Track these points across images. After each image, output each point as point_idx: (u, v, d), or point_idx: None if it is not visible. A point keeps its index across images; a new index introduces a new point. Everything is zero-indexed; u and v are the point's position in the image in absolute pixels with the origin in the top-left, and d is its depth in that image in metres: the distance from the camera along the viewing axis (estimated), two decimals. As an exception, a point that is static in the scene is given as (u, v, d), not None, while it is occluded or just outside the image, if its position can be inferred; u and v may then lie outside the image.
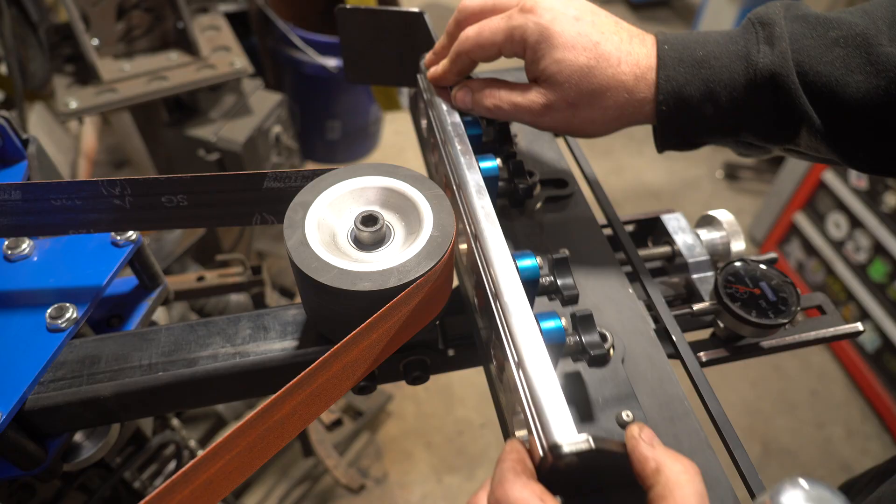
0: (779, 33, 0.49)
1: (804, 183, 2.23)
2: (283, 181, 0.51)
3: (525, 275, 0.44)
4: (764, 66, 0.48)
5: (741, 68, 0.49)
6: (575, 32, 0.50)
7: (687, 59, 0.50)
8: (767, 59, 0.48)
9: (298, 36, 1.78)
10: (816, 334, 0.61)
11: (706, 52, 0.50)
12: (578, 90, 0.51)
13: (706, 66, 0.50)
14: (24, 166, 0.65)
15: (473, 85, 0.56)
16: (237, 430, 0.36)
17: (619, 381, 0.49)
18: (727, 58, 0.50)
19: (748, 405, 2.06)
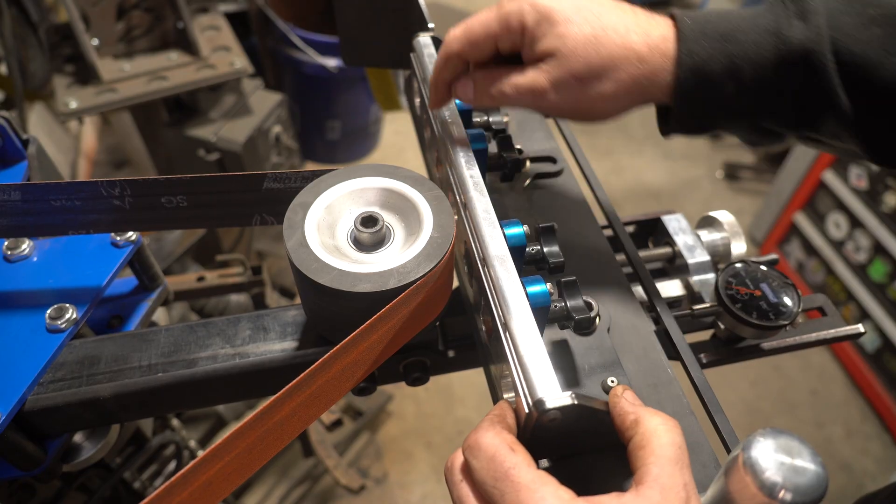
0: (813, 7, 0.45)
1: (804, 183, 2.23)
2: (282, 182, 0.51)
3: (512, 241, 0.45)
4: (797, 43, 0.44)
5: (770, 44, 0.45)
6: (573, 7, 0.48)
7: (711, 32, 0.46)
8: (801, 34, 0.44)
9: (298, 36, 1.78)
10: (817, 336, 0.61)
11: (731, 26, 0.46)
12: (586, 62, 0.47)
13: (732, 40, 0.45)
14: (24, 166, 0.65)
15: (474, 75, 0.53)
16: (237, 431, 0.36)
17: (605, 349, 0.51)
18: (755, 32, 0.45)
19: (748, 405, 2.06)
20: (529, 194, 0.65)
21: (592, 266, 0.58)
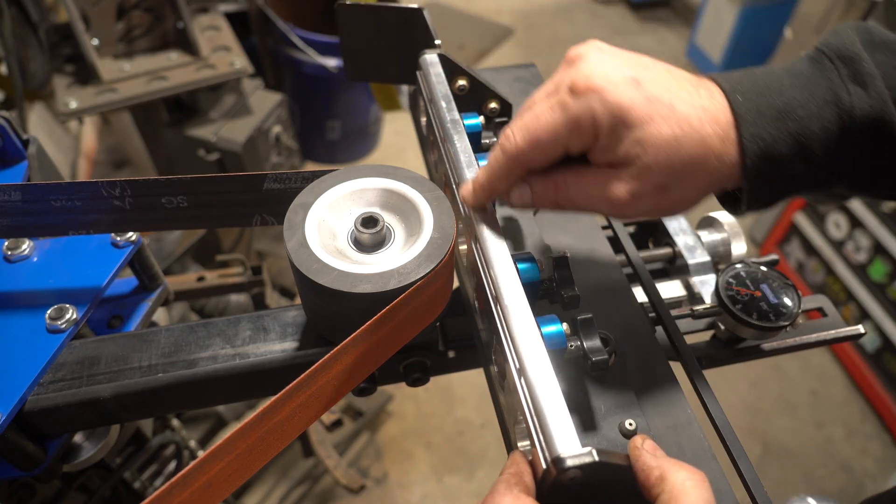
0: (868, 70, 0.41)
1: (804, 183, 2.22)
2: (283, 182, 0.51)
3: (525, 277, 0.44)
4: (862, 113, 0.41)
5: (832, 116, 0.42)
6: (645, 100, 0.42)
7: (767, 110, 0.42)
8: (865, 104, 0.41)
9: (298, 36, 1.78)
10: (817, 337, 0.61)
11: (786, 100, 0.42)
12: (669, 170, 0.42)
13: (792, 117, 0.42)
14: (24, 166, 0.65)
15: (532, 180, 0.46)
16: (237, 432, 0.36)
17: (621, 387, 0.49)
18: (814, 105, 0.42)
19: (748, 405, 2.06)
20: (539, 215, 0.63)
21: (606, 295, 0.56)
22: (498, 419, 0.48)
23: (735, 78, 0.44)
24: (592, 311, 0.54)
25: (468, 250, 0.49)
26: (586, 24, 3.68)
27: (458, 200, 0.50)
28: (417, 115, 0.73)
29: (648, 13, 3.77)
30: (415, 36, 0.65)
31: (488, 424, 1.95)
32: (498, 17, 3.64)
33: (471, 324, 0.53)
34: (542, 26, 3.64)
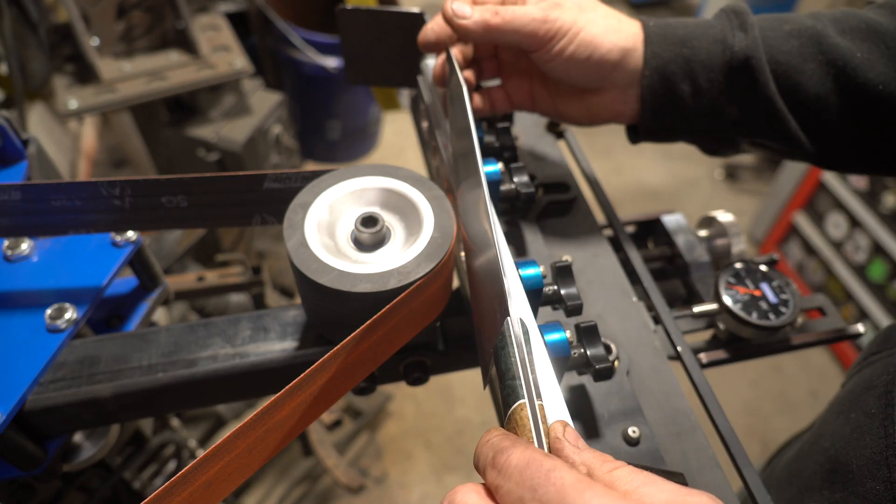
0: (751, 21, 0.53)
1: (804, 183, 2.23)
2: (283, 182, 0.51)
3: (528, 284, 0.44)
4: (740, 50, 0.52)
5: (719, 50, 0.52)
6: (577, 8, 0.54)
7: (670, 36, 0.53)
8: (743, 43, 0.52)
9: (298, 36, 1.78)
10: (817, 336, 0.61)
11: (687, 32, 0.53)
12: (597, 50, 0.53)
13: (687, 44, 0.53)
14: (24, 166, 0.65)
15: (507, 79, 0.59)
16: (236, 431, 0.36)
17: (625, 394, 0.49)
18: (706, 39, 0.53)
19: (748, 405, 2.06)
20: (542, 222, 0.63)
21: (609, 301, 0.56)
22: (498, 419, 0.48)
23: (652, 19, 0.55)
24: (594, 314, 0.54)
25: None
26: (586, 24, 3.68)
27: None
28: (418, 119, 0.73)
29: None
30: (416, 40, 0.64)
31: (488, 424, 1.95)
32: (498, 17, 3.64)
33: (470, 323, 0.53)
34: (542, 26, 3.64)
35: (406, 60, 0.67)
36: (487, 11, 0.53)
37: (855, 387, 0.53)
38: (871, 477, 0.45)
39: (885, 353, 0.51)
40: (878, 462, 0.45)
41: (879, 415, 0.46)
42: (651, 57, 0.53)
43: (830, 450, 0.51)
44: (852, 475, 0.47)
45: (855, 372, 0.55)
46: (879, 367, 0.50)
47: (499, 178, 0.53)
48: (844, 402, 0.53)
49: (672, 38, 0.53)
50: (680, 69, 0.53)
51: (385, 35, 0.66)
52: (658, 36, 0.53)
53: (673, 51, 0.53)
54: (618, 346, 0.52)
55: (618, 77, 0.54)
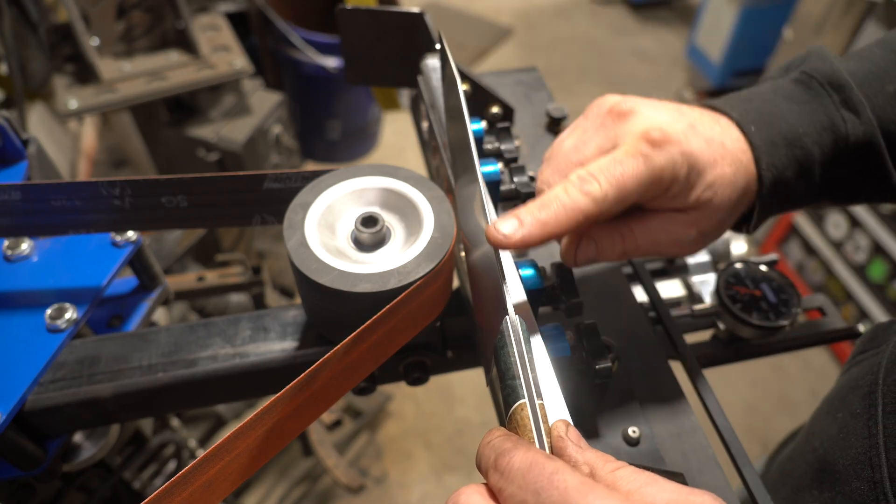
0: (857, 97, 0.45)
1: (804, 183, 2.23)
2: (283, 182, 0.51)
3: (528, 284, 0.44)
4: (855, 138, 0.45)
5: (829, 141, 0.45)
6: (706, 144, 0.43)
7: (777, 139, 0.45)
8: (858, 129, 0.45)
9: (298, 36, 1.78)
10: (817, 336, 0.62)
11: (790, 127, 0.45)
12: (731, 205, 0.44)
13: (798, 144, 0.45)
14: (24, 166, 0.65)
15: (597, 233, 0.45)
16: (237, 431, 0.36)
17: (625, 394, 0.48)
18: (814, 130, 0.45)
19: (748, 405, 2.06)
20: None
21: (607, 297, 0.56)
22: (498, 419, 0.48)
23: (738, 107, 0.46)
24: (594, 314, 0.54)
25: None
26: (586, 25, 3.68)
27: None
28: (419, 119, 0.73)
29: (648, 13, 3.77)
30: (416, 40, 0.64)
31: (488, 424, 1.95)
32: (498, 17, 3.64)
33: (471, 324, 0.53)
34: (542, 26, 3.64)
35: (406, 60, 0.67)
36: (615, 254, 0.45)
37: (842, 386, 0.53)
38: (857, 476, 0.45)
39: (871, 352, 0.51)
40: (863, 462, 0.45)
41: (864, 415, 0.47)
42: (766, 170, 0.45)
43: (819, 449, 0.51)
44: (839, 475, 0.47)
45: (844, 371, 0.55)
46: (865, 367, 0.50)
47: (499, 178, 0.53)
48: (833, 401, 0.53)
49: (779, 141, 0.45)
50: (795, 174, 0.46)
51: (385, 35, 0.66)
52: (766, 143, 0.45)
53: (786, 155, 0.45)
54: (618, 346, 0.52)
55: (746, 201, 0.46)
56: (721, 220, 0.45)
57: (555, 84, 3.15)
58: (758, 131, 0.45)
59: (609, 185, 0.40)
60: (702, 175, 0.43)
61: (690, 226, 0.44)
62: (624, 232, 0.45)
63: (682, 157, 0.41)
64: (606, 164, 0.41)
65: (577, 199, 0.39)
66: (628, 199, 0.41)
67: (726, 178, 0.43)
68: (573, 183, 0.40)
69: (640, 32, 3.63)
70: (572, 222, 0.40)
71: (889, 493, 0.42)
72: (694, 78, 3.09)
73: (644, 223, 0.45)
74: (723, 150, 0.43)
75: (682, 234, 0.44)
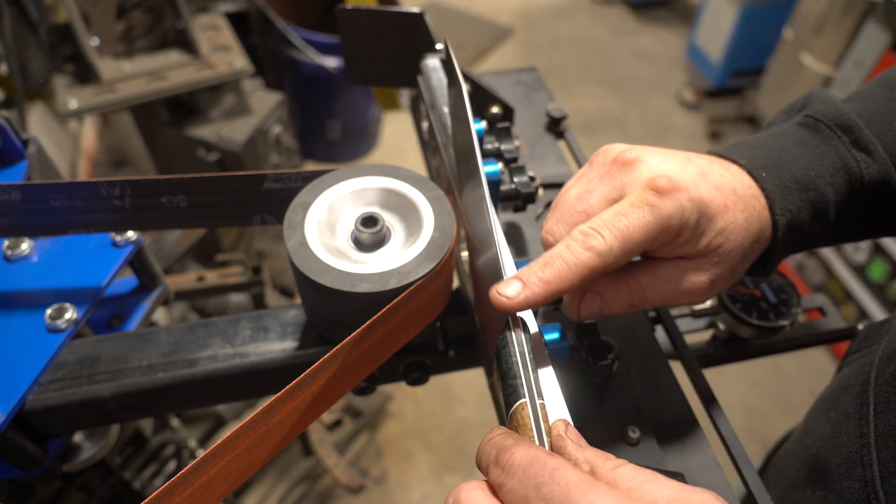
0: (868, 138, 0.45)
1: (804, 183, 2.23)
2: (283, 182, 0.51)
3: None
4: (871, 178, 0.45)
5: (843, 182, 0.45)
6: (716, 190, 0.42)
7: (790, 183, 0.44)
8: (873, 169, 0.45)
9: (298, 36, 1.78)
10: (817, 336, 0.62)
11: (802, 171, 0.45)
12: (743, 251, 0.43)
13: (810, 186, 0.44)
14: (24, 166, 0.65)
15: (602, 287, 0.43)
16: (237, 431, 0.36)
17: (624, 394, 0.48)
18: (826, 172, 0.45)
19: (748, 405, 2.06)
20: (542, 224, 0.62)
21: None
22: (498, 420, 0.48)
23: (746, 154, 0.45)
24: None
25: (469, 254, 0.49)
26: (586, 25, 3.68)
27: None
28: (419, 119, 0.73)
29: (648, 13, 3.77)
30: (416, 40, 0.64)
31: (488, 424, 1.95)
32: (498, 17, 3.64)
33: (471, 324, 0.53)
34: (542, 26, 3.64)
35: (406, 60, 0.67)
36: (621, 307, 0.43)
37: (835, 385, 0.53)
38: (848, 476, 0.45)
39: (863, 352, 0.51)
40: (855, 461, 0.45)
41: (856, 414, 0.47)
42: (780, 215, 0.44)
43: (812, 448, 0.51)
44: (831, 474, 0.47)
45: (837, 371, 0.55)
46: (857, 367, 0.50)
47: (499, 178, 0.54)
48: (826, 400, 0.53)
49: (792, 185, 0.44)
50: (810, 216, 0.45)
51: (385, 35, 0.66)
52: (779, 189, 0.44)
53: (800, 199, 0.44)
54: (618, 346, 0.52)
55: (759, 247, 0.45)
56: (733, 267, 0.44)
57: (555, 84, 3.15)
58: (769, 177, 0.44)
59: (614, 239, 0.39)
60: (713, 221, 0.41)
61: (701, 273, 0.43)
62: (631, 284, 0.43)
63: (691, 204, 0.40)
64: (610, 216, 0.40)
65: (581, 255, 0.39)
66: (635, 250, 0.40)
67: (738, 225, 0.42)
68: (576, 239, 0.39)
69: (640, 32, 3.63)
70: (577, 279, 0.39)
71: (880, 492, 0.42)
72: (694, 78, 3.09)
73: (652, 273, 0.43)
74: (734, 196, 0.43)
75: (693, 282, 0.43)
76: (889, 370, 0.45)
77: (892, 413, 0.44)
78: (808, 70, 2.22)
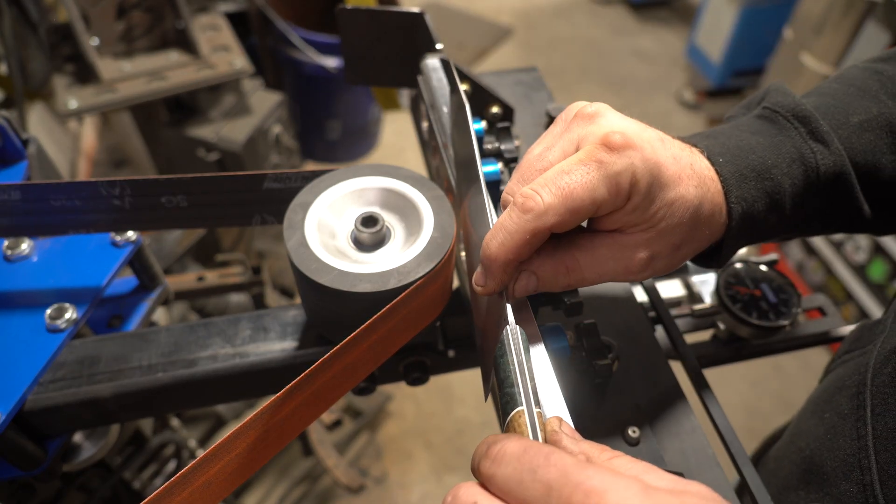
0: (824, 129, 0.45)
1: (804, 183, 2.23)
2: (282, 182, 0.51)
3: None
4: (826, 170, 0.45)
5: (800, 172, 0.45)
6: (673, 159, 0.40)
7: (747, 171, 0.44)
8: (828, 160, 0.45)
9: (298, 36, 1.78)
10: (817, 336, 0.62)
11: (760, 160, 0.44)
12: (687, 229, 0.41)
13: (767, 176, 0.44)
14: (24, 166, 0.65)
15: (537, 267, 0.40)
16: (237, 431, 0.36)
17: (625, 394, 0.49)
18: (783, 163, 0.44)
19: (748, 405, 2.06)
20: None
21: (609, 301, 0.56)
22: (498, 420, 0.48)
23: (704, 142, 0.45)
24: (593, 313, 0.54)
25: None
26: (586, 25, 3.68)
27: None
28: (418, 119, 0.73)
29: (648, 13, 3.77)
30: (416, 40, 0.64)
31: (488, 424, 1.95)
32: (498, 17, 3.64)
33: (470, 323, 0.53)
34: (542, 26, 3.64)
35: (406, 60, 0.67)
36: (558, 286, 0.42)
37: (829, 386, 0.52)
38: (845, 479, 0.45)
39: (857, 352, 0.51)
40: (852, 464, 0.45)
41: (852, 416, 0.46)
42: (736, 203, 0.43)
43: (806, 450, 0.51)
44: (827, 476, 0.47)
45: (830, 370, 0.55)
46: (851, 367, 0.50)
47: (499, 179, 0.53)
48: (819, 401, 0.53)
49: (748, 173, 0.43)
50: (765, 206, 0.44)
51: (385, 35, 0.66)
52: (735, 176, 0.43)
53: (755, 187, 0.44)
54: (618, 346, 0.52)
55: (707, 231, 0.43)
56: (675, 245, 0.41)
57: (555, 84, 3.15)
58: (726, 163, 0.43)
59: (554, 198, 0.37)
60: (664, 190, 0.39)
61: (640, 249, 0.41)
62: (569, 264, 0.41)
63: (643, 165, 0.38)
64: (553, 175, 0.38)
65: (520, 221, 0.37)
66: (581, 211, 0.37)
67: (688, 200, 0.40)
68: (517, 203, 0.38)
69: (640, 32, 3.63)
70: (523, 246, 0.38)
71: (879, 496, 0.42)
72: (694, 78, 3.09)
73: (591, 252, 0.41)
74: (690, 170, 0.41)
75: (632, 259, 0.41)
76: (886, 371, 0.45)
77: (891, 415, 0.43)
78: (808, 70, 2.22)
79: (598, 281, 0.42)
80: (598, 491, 0.25)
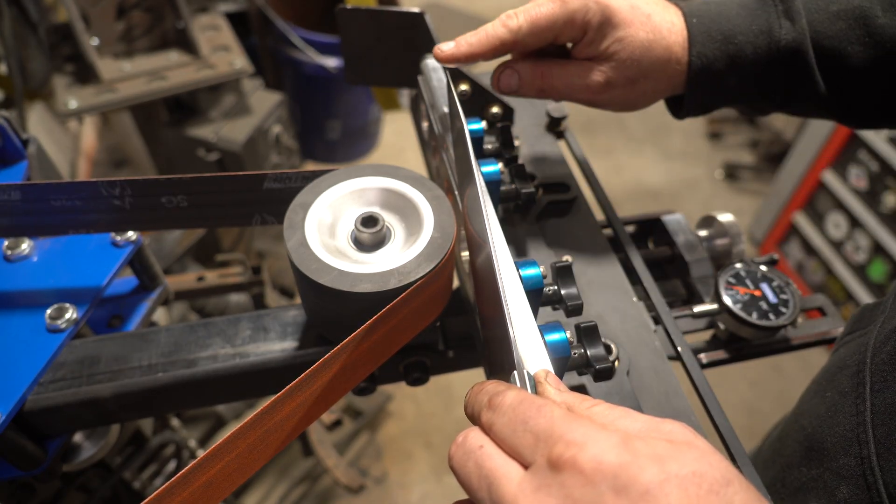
0: (797, 8, 0.51)
1: (804, 183, 2.23)
2: (283, 182, 0.51)
3: (528, 284, 0.44)
4: (786, 44, 0.51)
5: (764, 43, 0.52)
6: (629, 7, 0.51)
7: (715, 33, 0.52)
8: (790, 35, 0.51)
9: (298, 36, 1.78)
10: (817, 336, 0.62)
11: (731, 27, 0.52)
12: (640, 66, 0.52)
13: (732, 42, 0.52)
14: (24, 166, 0.65)
15: (520, 67, 0.54)
16: (237, 431, 0.36)
17: (625, 394, 0.49)
18: (752, 33, 0.52)
19: (748, 405, 2.06)
20: (542, 222, 0.62)
21: (609, 301, 0.56)
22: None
23: (695, 5, 0.54)
24: (594, 314, 0.54)
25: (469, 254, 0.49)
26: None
27: (460, 208, 0.48)
28: (419, 119, 0.73)
29: None
30: (416, 40, 0.64)
31: (488, 424, 1.95)
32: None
33: (471, 323, 0.53)
34: (542, 26, 3.64)
35: (406, 60, 0.67)
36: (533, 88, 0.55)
37: (831, 366, 0.54)
38: (844, 453, 0.46)
39: (858, 332, 0.52)
40: (851, 439, 0.46)
41: (852, 393, 0.48)
42: (696, 57, 0.52)
43: (808, 428, 0.52)
44: (827, 452, 0.48)
45: (832, 353, 0.56)
46: (853, 347, 0.51)
47: (499, 178, 0.53)
48: (821, 381, 0.54)
49: (716, 35, 0.52)
50: (726, 66, 0.53)
51: (385, 35, 0.66)
52: (703, 35, 0.52)
53: (718, 48, 0.52)
54: (618, 346, 0.51)
55: (662, 74, 0.54)
56: (629, 79, 0.53)
57: (555, 84, 3.14)
58: (699, 23, 0.53)
59: (524, 20, 0.51)
60: (615, 29, 0.51)
61: (598, 73, 0.53)
62: (544, 70, 0.54)
63: (596, 6, 0.50)
64: (528, 6, 0.51)
65: (497, 30, 0.52)
66: (542, 34, 0.51)
67: (637, 40, 0.51)
68: (500, 19, 0.52)
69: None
70: (493, 45, 0.52)
71: (876, 468, 0.43)
72: (694, 78, 3.09)
73: (562, 66, 0.54)
74: (645, 19, 0.52)
75: (592, 79, 0.53)
76: (886, 350, 0.46)
77: (889, 391, 0.44)
78: (808, 70, 2.22)
79: (566, 92, 0.55)
80: (578, 443, 0.27)
